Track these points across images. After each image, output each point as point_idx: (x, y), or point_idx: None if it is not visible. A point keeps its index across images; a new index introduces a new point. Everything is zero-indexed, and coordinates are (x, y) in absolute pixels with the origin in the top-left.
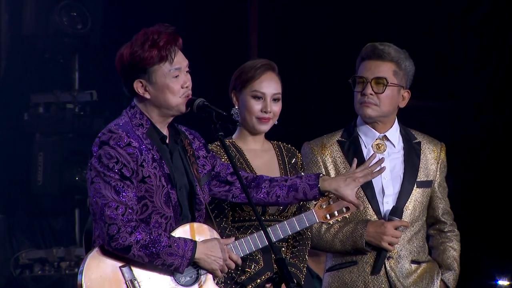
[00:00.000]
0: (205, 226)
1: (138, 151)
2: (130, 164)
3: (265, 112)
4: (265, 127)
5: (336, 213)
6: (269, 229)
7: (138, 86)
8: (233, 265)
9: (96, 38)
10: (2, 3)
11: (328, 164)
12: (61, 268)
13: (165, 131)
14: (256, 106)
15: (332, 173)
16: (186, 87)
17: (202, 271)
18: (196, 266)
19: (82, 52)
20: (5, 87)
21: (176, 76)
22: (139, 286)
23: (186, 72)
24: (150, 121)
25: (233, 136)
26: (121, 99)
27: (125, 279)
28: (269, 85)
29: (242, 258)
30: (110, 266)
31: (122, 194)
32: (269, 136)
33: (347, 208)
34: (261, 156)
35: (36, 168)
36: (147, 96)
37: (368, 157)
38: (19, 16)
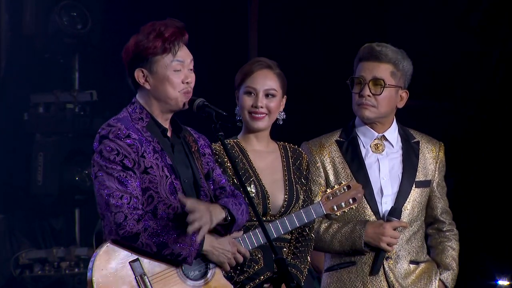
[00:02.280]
0: None
1: (138, 143)
2: (131, 155)
3: (256, 107)
4: (259, 124)
5: (343, 204)
6: (276, 222)
7: (139, 75)
8: (241, 259)
9: (96, 38)
10: (2, 3)
11: (327, 164)
12: (61, 268)
13: (166, 126)
14: (248, 101)
15: (331, 173)
16: (187, 82)
17: (211, 265)
18: (205, 259)
19: (82, 52)
20: (5, 87)
21: (178, 70)
22: (149, 281)
23: (190, 69)
24: (150, 115)
25: (238, 136)
26: (121, 99)
27: (134, 274)
28: (262, 81)
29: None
30: (120, 261)
31: (126, 184)
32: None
33: (354, 199)
34: (265, 157)
35: (36, 168)
36: (147, 86)
37: (366, 157)
38: (19, 16)
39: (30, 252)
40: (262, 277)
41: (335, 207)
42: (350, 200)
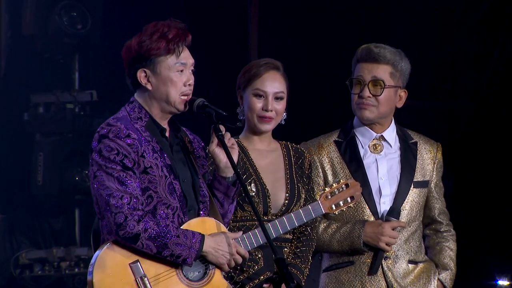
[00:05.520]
0: (212, 220)
1: (138, 142)
2: (131, 155)
3: (266, 110)
4: (267, 126)
5: (341, 203)
6: (276, 221)
7: (141, 76)
8: (240, 260)
9: (96, 38)
10: (2, 3)
11: (325, 165)
12: (61, 268)
13: (165, 126)
14: (258, 104)
15: (329, 173)
16: (189, 85)
17: (210, 266)
18: (204, 260)
19: (82, 52)
20: (5, 87)
21: (181, 71)
22: (149, 282)
23: (191, 70)
24: (149, 115)
25: (240, 136)
26: (121, 99)
27: (135, 276)
28: (271, 84)
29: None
30: (120, 263)
31: (126, 184)
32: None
33: (352, 198)
34: (266, 157)
35: (36, 168)
36: (149, 87)
37: (364, 157)
38: (19, 16)
39: (30, 252)
40: (262, 277)
41: (333, 206)
42: (348, 199)
